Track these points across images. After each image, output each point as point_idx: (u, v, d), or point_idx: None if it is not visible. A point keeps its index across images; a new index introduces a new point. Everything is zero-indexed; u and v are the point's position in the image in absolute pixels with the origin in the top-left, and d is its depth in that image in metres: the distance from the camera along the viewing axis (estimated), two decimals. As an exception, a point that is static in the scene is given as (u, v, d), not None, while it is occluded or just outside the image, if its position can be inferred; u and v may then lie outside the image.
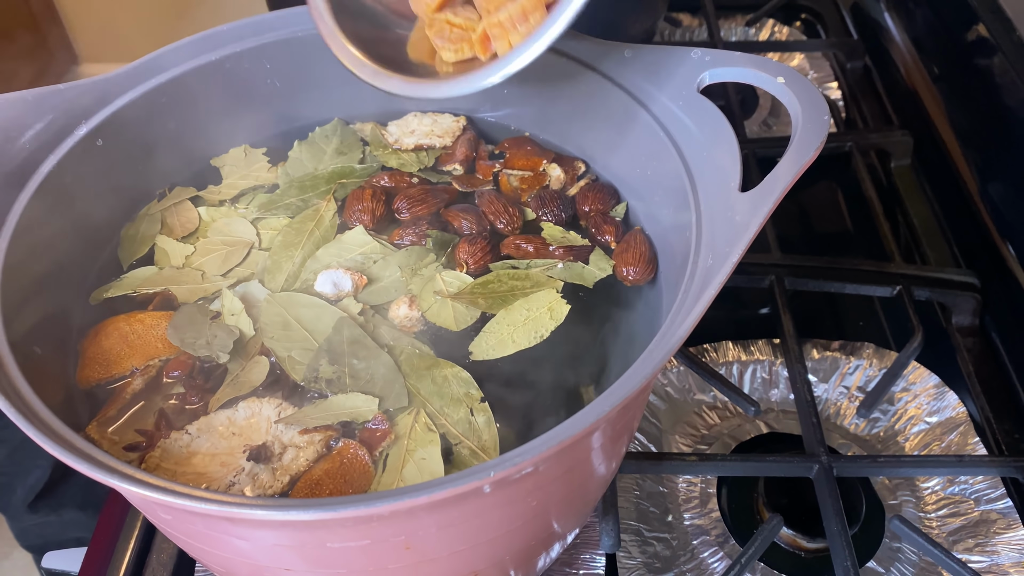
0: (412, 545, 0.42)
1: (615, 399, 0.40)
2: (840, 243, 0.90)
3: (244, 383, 0.51)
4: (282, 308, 0.54)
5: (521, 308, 0.54)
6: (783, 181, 0.45)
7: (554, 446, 0.38)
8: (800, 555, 0.64)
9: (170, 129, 0.62)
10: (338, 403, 0.49)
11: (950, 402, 0.71)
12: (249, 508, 0.36)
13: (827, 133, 0.47)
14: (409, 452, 0.47)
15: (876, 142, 0.92)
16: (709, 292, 0.43)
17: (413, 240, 0.59)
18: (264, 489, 0.45)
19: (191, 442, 0.47)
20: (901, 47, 1.00)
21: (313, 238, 0.59)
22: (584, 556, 0.62)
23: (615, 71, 0.58)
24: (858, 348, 0.75)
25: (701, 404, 0.73)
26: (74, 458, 0.38)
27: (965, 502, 0.66)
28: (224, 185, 0.64)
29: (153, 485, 0.37)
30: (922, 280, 0.77)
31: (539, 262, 0.57)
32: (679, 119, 0.54)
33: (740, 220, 0.45)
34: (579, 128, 0.64)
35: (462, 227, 0.60)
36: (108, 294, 0.56)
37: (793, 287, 0.77)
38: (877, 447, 0.70)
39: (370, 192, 0.61)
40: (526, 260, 0.57)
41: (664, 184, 0.54)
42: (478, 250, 0.57)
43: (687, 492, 0.67)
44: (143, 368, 0.51)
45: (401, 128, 0.67)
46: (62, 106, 0.56)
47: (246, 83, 0.64)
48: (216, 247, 0.59)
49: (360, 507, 0.37)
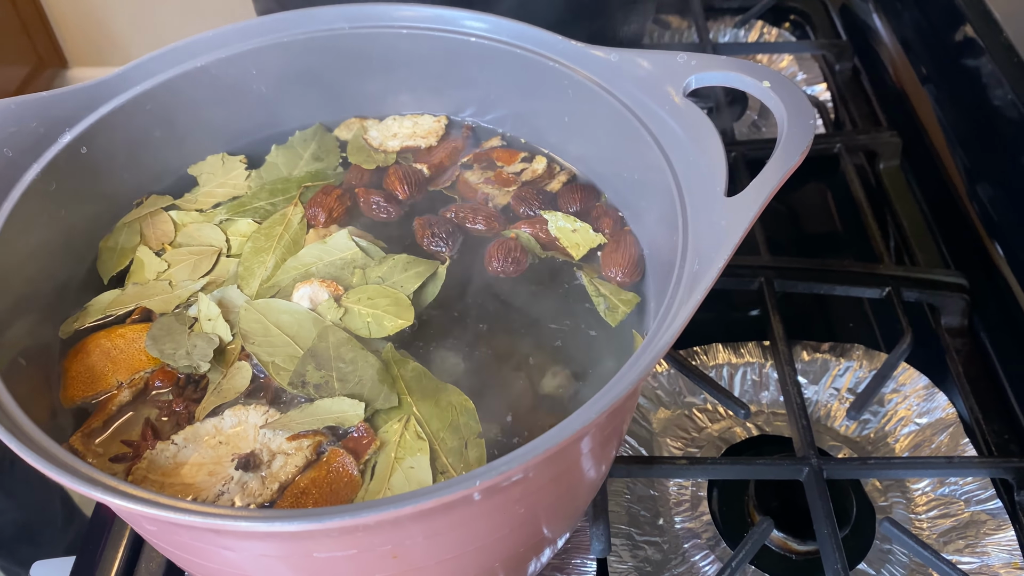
0: (399, 554, 0.42)
1: (602, 405, 0.39)
2: (829, 244, 0.90)
3: (228, 390, 0.50)
4: (261, 315, 0.54)
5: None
6: (769, 186, 0.45)
7: (541, 453, 0.38)
8: (791, 558, 0.64)
9: (155, 136, 0.61)
10: (324, 407, 0.49)
11: (940, 403, 0.71)
12: (234, 520, 0.36)
13: (813, 137, 0.47)
14: (398, 460, 0.47)
15: (865, 143, 0.92)
16: (695, 297, 0.43)
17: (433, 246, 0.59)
18: (254, 498, 0.44)
19: (178, 452, 0.46)
20: (890, 48, 1.01)
21: (283, 242, 0.59)
22: (575, 560, 0.62)
23: (601, 75, 0.58)
24: (848, 350, 0.75)
25: (692, 407, 0.73)
26: (56, 470, 0.38)
27: (955, 503, 0.66)
28: (201, 193, 0.63)
29: (137, 498, 0.37)
30: (911, 281, 0.77)
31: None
32: (666, 123, 0.54)
33: (726, 225, 0.45)
34: (563, 132, 0.63)
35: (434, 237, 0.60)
36: (76, 325, 0.54)
37: (782, 289, 0.77)
38: (867, 448, 0.70)
39: (337, 192, 0.61)
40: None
41: (651, 188, 0.54)
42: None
43: (678, 495, 0.67)
44: (129, 381, 0.51)
45: (383, 132, 0.67)
46: (46, 113, 0.55)
47: (232, 89, 0.63)
48: (184, 256, 0.58)
49: (345, 517, 0.36)
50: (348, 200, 0.62)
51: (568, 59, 0.59)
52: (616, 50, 0.57)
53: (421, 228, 0.60)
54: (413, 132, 0.67)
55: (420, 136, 0.66)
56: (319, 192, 0.61)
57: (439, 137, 0.67)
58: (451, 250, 0.58)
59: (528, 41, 0.60)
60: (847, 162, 0.88)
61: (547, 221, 0.60)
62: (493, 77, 0.64)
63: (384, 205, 0.61)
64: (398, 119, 0.68)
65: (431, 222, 0.60)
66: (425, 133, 0.67)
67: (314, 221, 0.60)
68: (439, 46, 0.63)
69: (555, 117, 0.63)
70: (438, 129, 0.67)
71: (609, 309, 0.54)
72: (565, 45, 0.59)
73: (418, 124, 0.67)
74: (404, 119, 0.68)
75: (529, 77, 0.61)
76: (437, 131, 0.67)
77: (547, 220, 0.60)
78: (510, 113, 0.66)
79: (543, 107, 0.63)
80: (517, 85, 0.63)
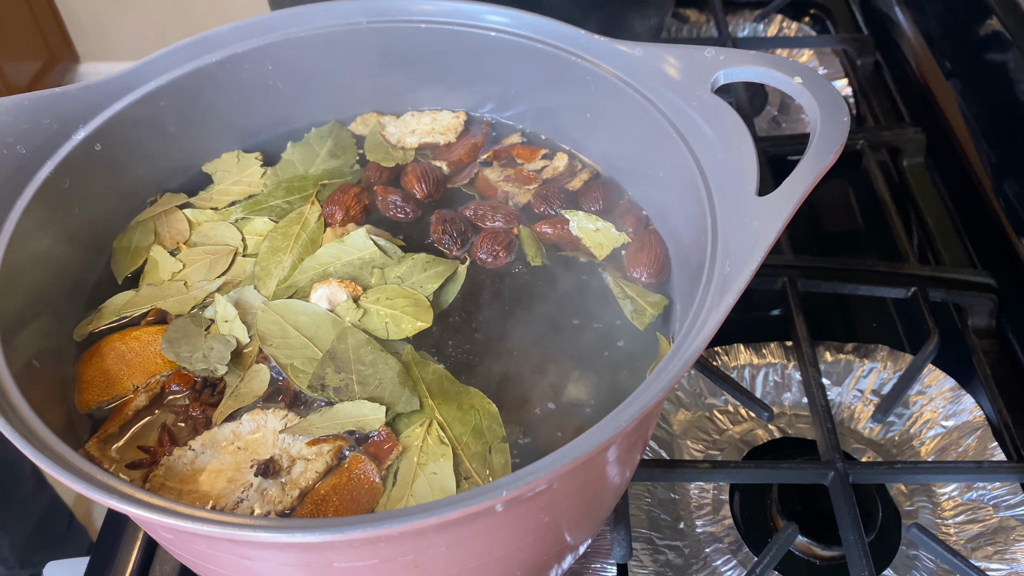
0: (421, 564, 0.41)
1: (632, 412, 0.38)
2: (852, 243, 0.88)
3: (246, 394, 0.49)
4: (279, 316, 0.52)
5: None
6: (803, 185, 0.44)
7: (570, 462, 0.37)
8: (815, 563, 0.63)
9: (169, 133, 0.60)
10: (344, 411, 0.48)
11: (967, 405, 0.69)
12: (255, 530, 0.35)
13: (847, 135, 0.46)
14: (420, 466, 0.45)
15: (888, 140, 0.90)
16: (727, 301, 0.41)
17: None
18: (274, 505, 0.43)
19: (196, 458, 0.45)
20: (912, 42, 0.99)
21: (300, 241, 0.58)
22: (595, 565, 0.61)
23: (625, 70, 0.56)
24: (872, 350, 0.74)
25: (712, 408, 0.71)
26: (73, 478, 0.37)
27: (983, 508, 0.64)
28: (216, 191, 0.62)
29: (156, 507, 0.36)
30: (938, 281, 0.75)
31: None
32: (692, 120, 0.52)
33: (758, 225, 0.44)
34: (585, 128, 0.62)
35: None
36: (91, 327, 0.53)
37: (806, 289, 0.75)
38: (892, 452, 0.68)
39: (355, 190, 0.60)
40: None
41: (677, 187, 0.53)
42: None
43: (699, 499, 0.66)
44: (145, 385, 0.50)
45: (400, 128, 0.66)
46: (60, 110, 0.54)
47: (247, 85, 0.62)
48: (199, 256, 0.57)
49: (368, 528, 0.35)
50: (366, 198, 0.61)
51: (591, 54, 0.58)
52: (641, 44, 0.56)
53: (436, 223, 0.59)
54: (432, 128, 0.65)
55: (439, 132, 0.65)
56: (336, 190, 0.60)
57: (458, 133, 0.65)
58: (458, 249, 0.57)
59: (550, 36, 0.59)
60: (870, 159, 0.87)
61: (568, 220, 0.59)
62: (513, 72, 0.62)
63: (402, 205, 0.60)
64: (416, 115, 0.67)
65: (446, 218, 0.59)
66: (444, 129, 0.65)
67: (331, 220, 0.59)
68: (459, 41, 0.62)
69: (577, 113, 0.61)
70: (457, 125, 0.66)
71: (636, 312, 0.53)
72: (588, 40, 0.58)
73: (436, 120, 0.66)
74: (422, 115, 0.67)
75: (550, 72, 0.60)
76: (456, 127, 0.66)
77: (568, 219, 0.59)
78: (530, 109, 0.65)
79: (564, 103, 0.62)
80: (538, 80, 0.61)
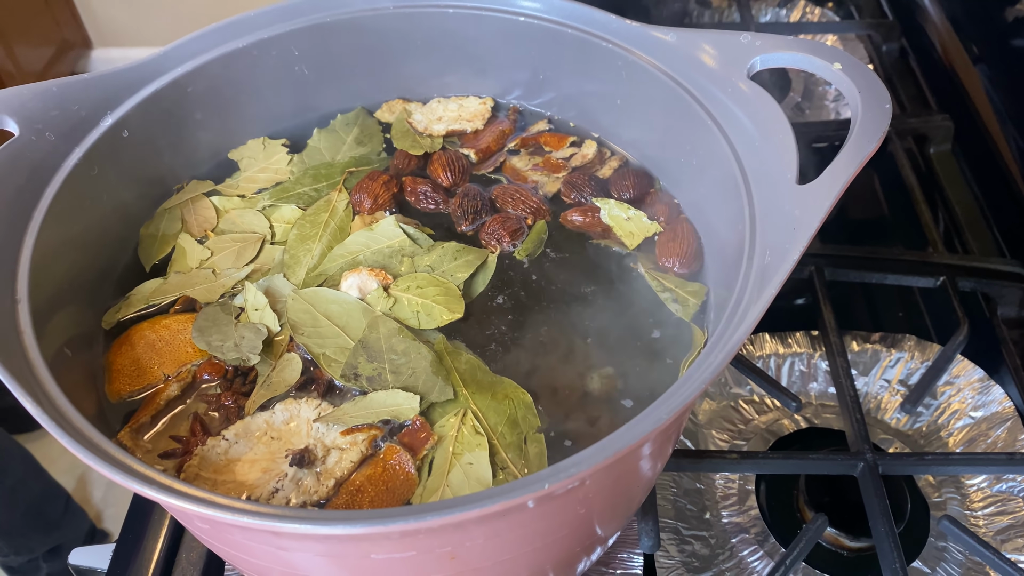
0: (458, 555, 0.40)
1: (673, 406, 0.38)
2: (878, 231, 0.87)
3: (278, 383, 0.49)
4: (309, 304, 0.52)
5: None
6: (846, 173, 0.43)
7: (611, 456, 0.36)
8: (842, 554, 0.62)
9: (196, 119, 0.60)
10: (379, 400, 0.47)
11: (996, 396, 0.69)
12: (294, 522, 0.35)
13: (889, 122, 0.45)
14: (456, 456, 0.45)
15: (914, 127, 0.89)
16: (768, 292, 0.41)
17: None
18: (309, 495, 0.43)
19: (229, 448, 0.45)
20: (938, 27, 0.97)
21: (329, 229, 0.57)
22: (622, 555, 0.61)
23: (658, 56, 0.56)
24: (899, 340, 0.73)
25: (738, 398, 0.71)
26: (111, 468, 0.36)
27: (1013, 500, 0.64)
28: (242, 178, 0.62)
29: (194, 497, 0.35)
30: (967, 270, 0.74)
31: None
32: (727, 107, 0.51)
33: (799, 215, 0.43)
34: (616, 115, 0.61)
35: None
36: (119, 315, 0.53)
37: (833, 278, 0.74)
38: (920, 443, 0.68)
39: (384, 178, 0.59)
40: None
41: (711, 175, 0.52)
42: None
43: (725, 489, 0.65)
44: (176, 374, 0.49)
45: (427, 115, 0.65)
46: (87, 96, 0.54)
47: (273, 70, 0.62)
48: (227, 244, 0.57)
49: (409, 520, 0.35)
50: (395, 186, 0.60)
51: (623, 39, 0.57)
52: (675, 30, 0.55)
53: (457, 196, 0.60)
54: (459, 115, 0.65)
55: (466, 119, 0.64)
56: (365, 178, 0.60)
57: (485, 120, 0.65)
58: (467, 225, 0.57)
59: (581, 21, 0.58)
60: (896, 146, 0.86)
61: (599, 209, 0.58)
62: (542, 58, 0.62)
63: (432, 195, 0.59)
64: (443, 101, 0.66)
65: (467, 192, 0.59)
66: (471, 116, 0.65)
67: (359, 207, 0.59)
68: (487, 26, 0.61)
69: (607, 100, 0.61)
70: (484, 112, 0.65)
71: (678, 302, 0.52)
72: (619, 24, 0.57)
73: (463, 107, 0.65)
74: (449, 101, 0.66)
75: (581, 58, 0.59)
76: (483, 114, 0.65)
77: (599, 208, 0.58)
78: (559, 95, 0.64)
79: (595, 89, 0.61)
80: (568, 66, 0.61)
